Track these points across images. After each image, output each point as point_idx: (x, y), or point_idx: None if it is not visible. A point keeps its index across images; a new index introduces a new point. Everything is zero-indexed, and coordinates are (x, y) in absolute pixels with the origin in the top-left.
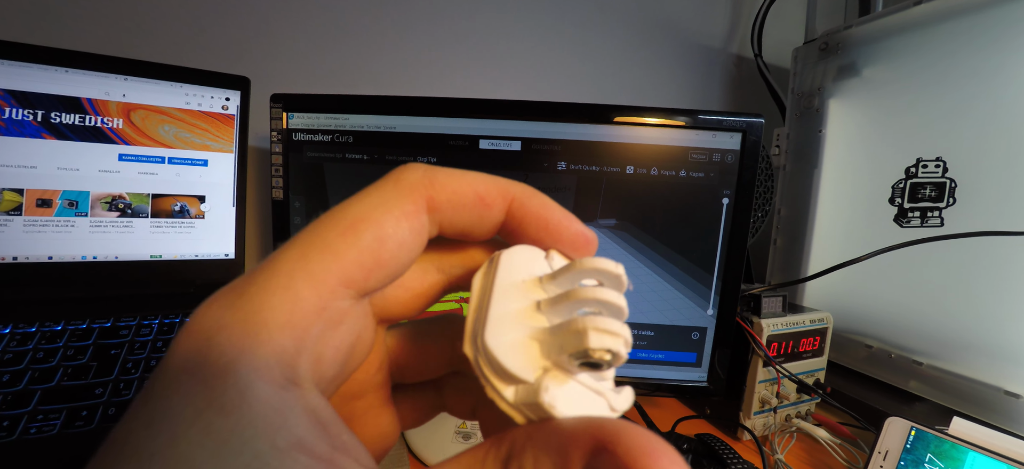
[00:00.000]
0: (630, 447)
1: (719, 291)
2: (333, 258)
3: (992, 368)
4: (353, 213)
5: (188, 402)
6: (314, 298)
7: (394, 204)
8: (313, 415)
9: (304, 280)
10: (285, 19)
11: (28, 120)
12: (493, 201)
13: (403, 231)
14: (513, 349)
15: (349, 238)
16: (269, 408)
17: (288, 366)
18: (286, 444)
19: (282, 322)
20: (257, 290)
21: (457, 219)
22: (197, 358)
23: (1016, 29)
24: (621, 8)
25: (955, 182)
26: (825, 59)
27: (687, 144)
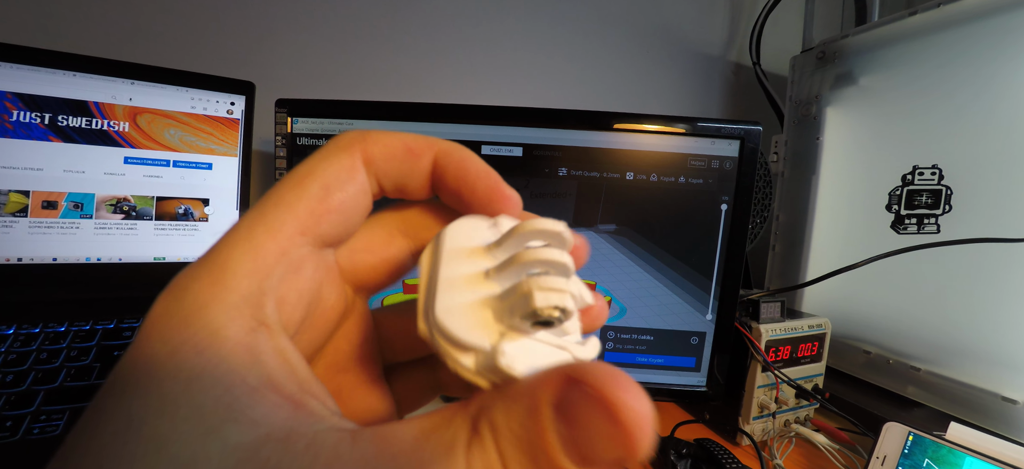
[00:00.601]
0: (597, 375)
1: (718, 296)
2: (286, 209)
3: (989, 374)
4: (300, 171)
5: (164, 342)
6: (273, 245)
7: (334, 159)
8: (282, 356)
9: (263, 231)
10: (289, 25)
11: (35, 123)
12: (421, 151)
13: (344, 179)
14: (465, 318)
15: (298, 191)
16: (240, 347)
17: (256, 308)
18: (257, 382)
19: (247, 269)
20: (222, 246)
21: (391, 170)
22: (172, 307)
23: (1009, 39)
24: (621, 16)
25: (951, 189)
26: (822, 68)
27: (686, 151)
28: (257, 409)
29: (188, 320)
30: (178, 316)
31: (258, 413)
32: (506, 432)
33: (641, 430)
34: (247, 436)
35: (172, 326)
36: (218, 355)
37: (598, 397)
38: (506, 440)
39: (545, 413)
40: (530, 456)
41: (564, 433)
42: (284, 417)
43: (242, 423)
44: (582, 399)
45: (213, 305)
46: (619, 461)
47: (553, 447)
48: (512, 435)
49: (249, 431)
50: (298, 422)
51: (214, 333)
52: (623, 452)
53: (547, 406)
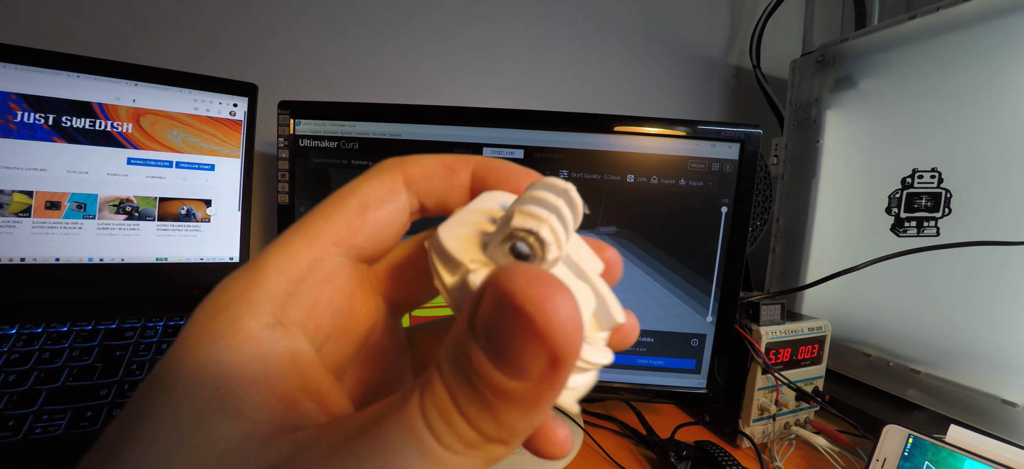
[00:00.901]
0: (507, 276)
1: (718, 298)
2: (325, 221)
3: (989, 377)
4: (344, 189)
5: (192, 333)
6: (307, 252)
7: (375, 178)
8: (291, 356)
9: (300, 239)
10: (292, 28)
11: (39, 124)
12: (459, 167)
13: (383, 197)
14: (458, 240)
15: (338, 206)
16: (251, 340)
17: (278, 306)
18: (255, 375)
19: (278, 270)
20: (264, 251)
21: (431, 188)
22: (209, 302)
23: (1008, 43)
24: (623, 19)
25: (950, 192)
26: (822, 71)
27: (687, 153)
28: (247, 403)
29: (217, 313)
30: (210, 310)
31: (247, 407)
32: (446, 363)
33: (558, 320)
34: (232, 429)
35: (203, 319)
36: (229, 345)
37: (503, 296)
38: (448, 370)
39: (465, 328)
40: (466, 380)
41: (485, 344)
42: (273, 414)
43: (231, 416)
44: (491, 303)
45: (241, 299)
46: (549, 365)
47: (480, 361)
48: (449, 363)
49: (236, 424)
50: (285, 421)
51: (232, 323)
52: (547, 351)
53: (466, 320)
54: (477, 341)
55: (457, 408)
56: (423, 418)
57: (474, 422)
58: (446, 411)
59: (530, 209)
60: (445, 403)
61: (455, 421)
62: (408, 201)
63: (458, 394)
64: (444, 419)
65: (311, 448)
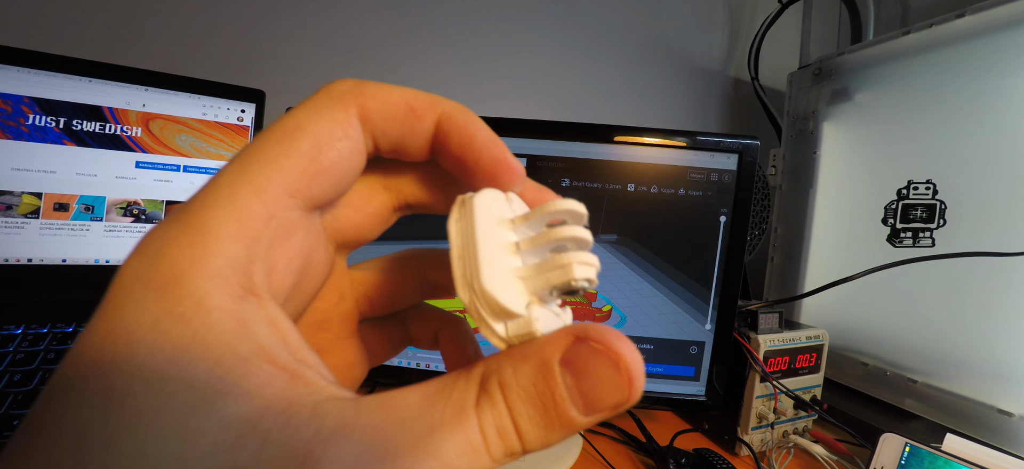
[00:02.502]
0: (600, 332)
1: (717, 306)
2: (273, 167)
3: (985, 387)
4: (287, 123)
5: (144, 311)
6: (260, 207)
7: (326, 112)
8: (273, 325)
9: (248, 189)
10: (299, 35)
11: (50, 127)
12: (423, 112)
13: (338, 137)
14: (506, 289)
15: (285, 146)
16: (228, 316)
17: (243, 275)
18: (249, 352)
19: (231, 232)
20: (202, 204)
21: (389, 130)
22: (148, 270)
23: (999, 58)
24: (623, 32)
25: (945, 204)
26: (819, 84)
27: (686, 164)
28: (251, 380)
29: (167, 287)
30: (155, 282)
31: (252, 384)
32: (515, 388)
33: (639, 375)
34: (244, 408)
35: (149, 294)
36: (205, 325)
37: (604, 350)
38: (515, 395)
39: (554, 368)
40: (540, 408)
41: (571, 384)
42: (281, 387)
43: (237, 395)
44: (589, 353)
45: (194, 270)
46: (618, 405)
47: (561, 397)
48: (522, 390)
49: (246, 403)
50: (297, 392)
51: (198, 302)
52: (624, 396)
53: (556, 361)
54: (563, 379)
55: (515, 427)
56: (480, 430)
57: (525, 438)
58: (504, 428)
59: (583, 258)
60: (504, 421)
61: (509, 437)
62: (363, 141)
63: (520, 414)
64: (500, 434)
65: (346, 436)
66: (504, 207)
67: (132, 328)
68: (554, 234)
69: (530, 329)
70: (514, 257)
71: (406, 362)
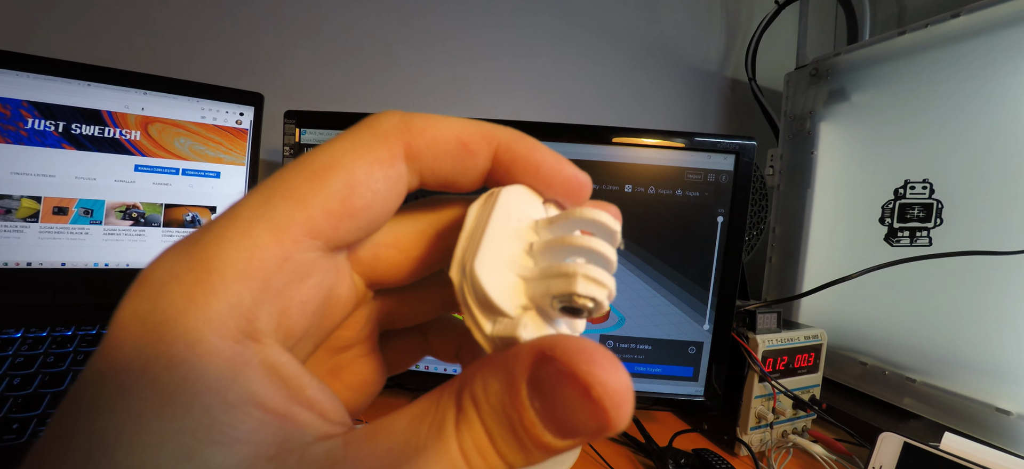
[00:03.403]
0: (568, 351)
1: (715, 306)
2: (297, 206)
3: (983, 385)
4: (321, 159)
5: (136, 354)
6: (275, 247)
7: (367, 149)
8: (271, 370)
9: (264, 228)
10: (298, 38)
11: (49, 131)
12: (477, 147)
13: (376, 179)
14: (500, 282)
15: (315, 184)
16: (220, 361)
17: (244, 319)
18: (238, 399)
19: (239, 271)
20: (214, 238)
21: (439, 167)
22: (147, 308)
23: (994, 57)
24: (621, 33)
25: (941, 203)
26: (816, 84)
27: (683, 164)
28: (240, 428)
29: (162, 328)
30: (152, 322)
31: (242, 432)
32: (486, 406)
33: (615, 404)
34: (232, 457)
35: (146, 334)
36: (194, 370)
37: (568, 373)
38: (487, 414)
39: (520, 389)
40: (511, 431)
41: (540, 407)
42: (271, 432)
43: (224, 444)
44: (554, 375)
45: (192, 311)
46: (600, 432)
47: (532, 422)
48: (492, 410)
49: (234, 451)
50: (287, 436)
51: (191, 345)
52: (601, 424)
53: (522, 382)
54: (530, 401)
55: (495, 448)
56: (462, 453)
57: (507, 459)
58: (483, 448)
59: (592, 273)
60: (482, 441)
61: (490, 457)
62: (406, 180)
63: (496, 436)
64: (481, 454)
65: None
66: (538, 209)
67: (126, 371)
68: (571, 240)
69: (514, 334)
70: (525, 256)
71: None
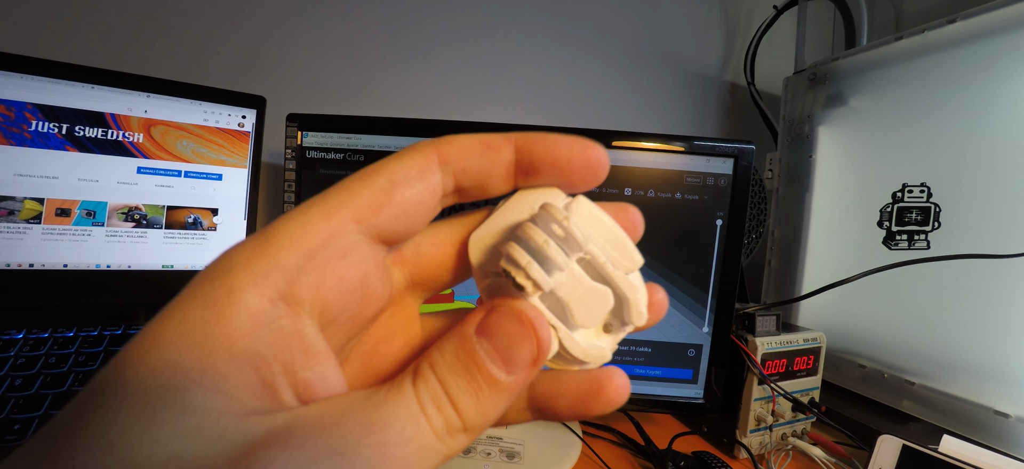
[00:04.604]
0: (507, 302)
1: (714, 309)
2: (347, 196)
3: (982, 388)
4: (373, 166)
5: (189, 292)
6: (324, 224)
7: (407, 157)
8: (294, 336)
9: (318, 210)
10: (300, 42)
11: (53, 133)
12: (499, 144)
13: (413, 177)
14: (481, 251)
15: (363, 180)
16: (246, 314)
17: (285, 281)
18: (241, 352)
19: (289, 242)
20: (278, 220)
21: (469, 166)
22: (215, 265)
23: (991, 63)
24: (620, 37)
25: (939, 207)
26: (814, 88)
27: (682, 168)
28: (228, 381)
29: (215, 278)
30: (210, 275)
31: (228, 385)
32: (441, 362)
33: (540, 325)
34: (211, 403)
35: (202, 282)
36: (222, 315)
37: (507, 311)
38: (442, 368)
39: (470, 336)
40: (465, 373)
41: (487, 346)
42: (251, 395)
43: (208, 389)
44: (496, 317)
45: (242, 268)
46: (532, 359)
47: (480, 360)
48: (446, 363)
49: (214, 400)
50: (260, 404)
51: (230, 292)
52: (532, 346)
53: (471, 330)
54: (480, 344)
55: (448, 397)
56: (418, 402)
57: (460, 407)
58: (438, 399)
59: (515, 253)
60: (438, 392)
61: (445, 408)
62: (441, 182)
63: (451, 385)
64: (436, 405)
65: (298, 427)
66: (558, 199)
67: (175, 309)
68: (521, 230)
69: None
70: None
71: None
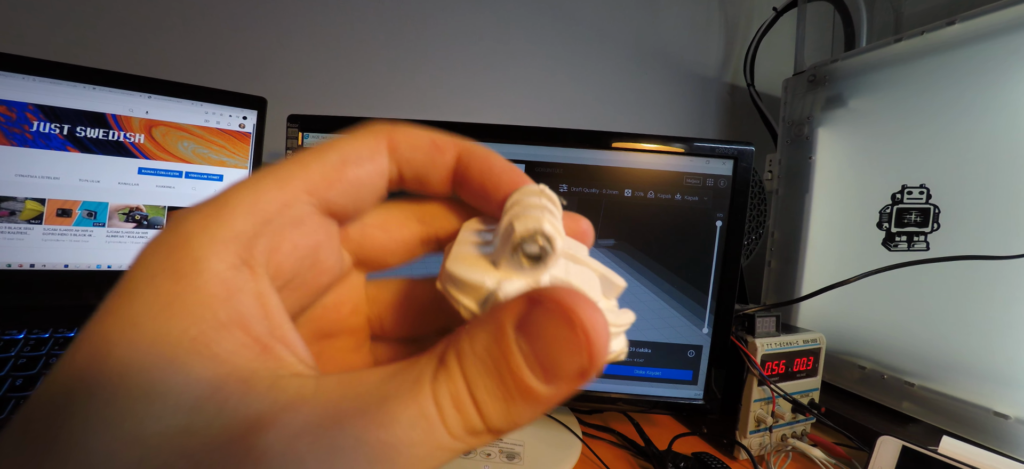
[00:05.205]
0: (555, 291)
1: (714, 310)
2: (300, 168)
3: (982, 389)
4: (324, 143)
5: (148, 265)
6: (277, 194)
7: (358, 139)
8: (260, 298)
9: (271, 181)
10: (301, 43)
11: (54, 134)
12: (445, 147)
13: (364, 158)
14: (469, 265)
15: (316, 154)
16: (218, 281)
17: (244, 247)
18: (227, 318)
19: (246, 208)
20: (228, 189)
21: (413, 159)
22: (164, 236)
23: (990, 65)
24: (621, 38)
25: (938, 208)
26: (813, 90)
27: (682, 169)
28: (223, 345)
29: (174, 247)
30: (167, 244)
31: (223, 349)
32: (470, 356)
33: (598, 334)
34: (209, 372)
35: (159, 253)
36: (193, 284)
37: (557, 309)
38: (471, 364)
39: (508, 332)
40: (496, 377)
41: (526, 348)
42: (249, 357)
43: (206, 357)
44: (543, 314)
45: (201, 235)
46: (581, 372)
47: (518, 364)
48: (477, 358)
49: (211, 366)
50: (262, 364)
51: (195, 262)
52: (583, 359)
53: (510, 325)
54: (518, 344)
55: (472, 399)
56: (434, 402)
57: (485, 413)
58: (460, 399)
59: (526, 214)
60: (461, 392)
61: (467, 410)
62: (388, 166)
63: (478, 386)
64: (456, 406)
65: (299, 408)
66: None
67: (136, 279)
68: (509, 210)
69: (498, 298)
70: (486, 247)
71: None
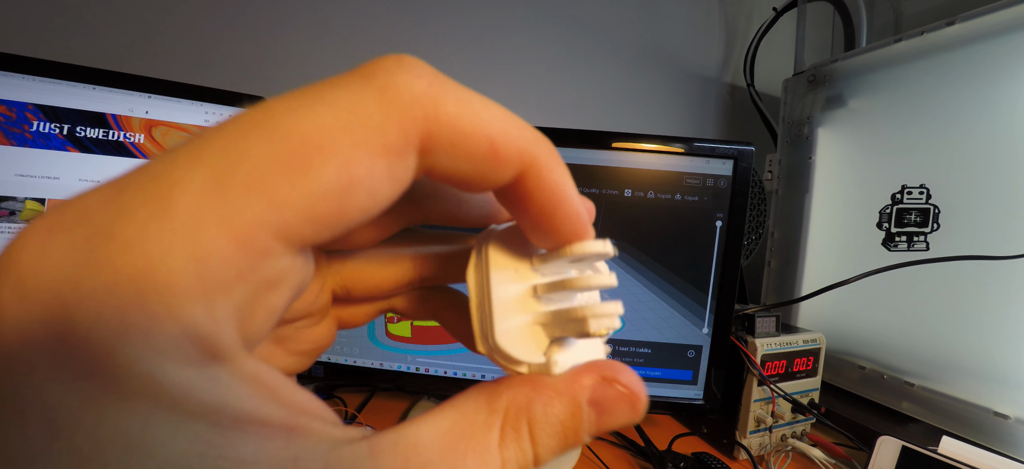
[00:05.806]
0: (627, 378)
1: (714, 310)
2: (267, 205)
3: (981, 389)
4: (306, 133)
5: (69, 389)
6: (235, 256)
7: (374, 131)
8: (256, 383)
9: (218, 231)
10: (300, 42)
11: (54, 133)
12: (508, 157)
13: (379, 174)
14: (522, 341)
15: (295, 176)
16: (190, 389)
17: (204, 341)
18: (231, 421)
19: (188, 289)
20: (137, 233)
21: (455, 169)
22: (54, 335)
23: (989, 65)
24: (621, 39)
25: (938, 208)
26: (813, 90)
27: (682, 170)
28: (243, 449)
29: (97, 358)
30: (74, 346)
31: (245, 453)
32: (544, 424)
33: (646, 403)
34: None
35: (70, 364)
36: (160, 405)
37: (628, 394)
38: (543, 430)
39: (583, 407)
40: (561, 439)
41: (593, 419)
42: (281, 446)
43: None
44: (615, 397)
45: (134, 339)
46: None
47: (583, 430)
48: (549, 426)
49: None
50: (301, 448)
51: (146, 381)
52: (632, 422)
53: (585, 402)
54: (587, 415)
55: (534, 451)
56: (502, 461)
57: (540, 462)
58: (525, 462)
59: (600, 310)
60: (527, 452)
61: (525, 455)
62: (414, 170)
63: (543, 446)
64: (519, 461)
65: None
66: (525, 245)
67: (60, 410)
68: (573, 283)
69: (549, 372)
70: (533, 301)
71: (405, 367)
